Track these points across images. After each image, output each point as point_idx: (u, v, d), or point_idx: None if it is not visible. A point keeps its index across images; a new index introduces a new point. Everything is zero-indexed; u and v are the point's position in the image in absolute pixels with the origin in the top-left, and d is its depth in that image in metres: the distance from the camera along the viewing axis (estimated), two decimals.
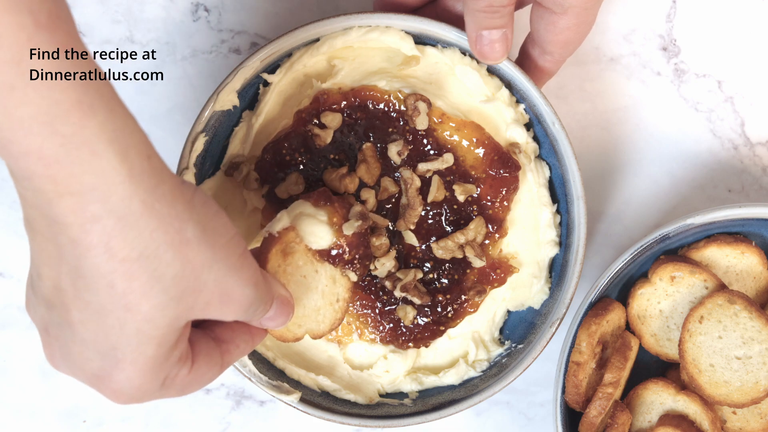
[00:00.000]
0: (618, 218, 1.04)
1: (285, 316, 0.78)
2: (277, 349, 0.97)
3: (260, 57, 0.90)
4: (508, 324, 0.99)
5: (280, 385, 0.94)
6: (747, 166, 1.04)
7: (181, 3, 1.01)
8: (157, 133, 1.02)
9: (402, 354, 0.97)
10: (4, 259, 1.03)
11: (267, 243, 0.83)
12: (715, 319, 0.93)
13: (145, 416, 1.04)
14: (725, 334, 0.94)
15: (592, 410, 0.94)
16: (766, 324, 0.93)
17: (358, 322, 0.95)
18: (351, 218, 0.86)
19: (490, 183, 0.93)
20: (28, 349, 1.03)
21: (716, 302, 0.93)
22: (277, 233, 0.83)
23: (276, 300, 0.77)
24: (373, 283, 0.94)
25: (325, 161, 0.92)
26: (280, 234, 0.83)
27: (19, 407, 1.04)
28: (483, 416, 1.05)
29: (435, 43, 0.94)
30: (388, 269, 0.92)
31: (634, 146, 1.03)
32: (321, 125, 0.91)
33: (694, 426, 0.94)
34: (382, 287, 0.94)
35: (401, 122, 0.92)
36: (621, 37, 1.02)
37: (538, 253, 0.96)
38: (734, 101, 1.03)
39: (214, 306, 0.69)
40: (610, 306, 0.95)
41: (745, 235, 0.99)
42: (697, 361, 0.94)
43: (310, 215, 0.85)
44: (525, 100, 0.94)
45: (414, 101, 0.91)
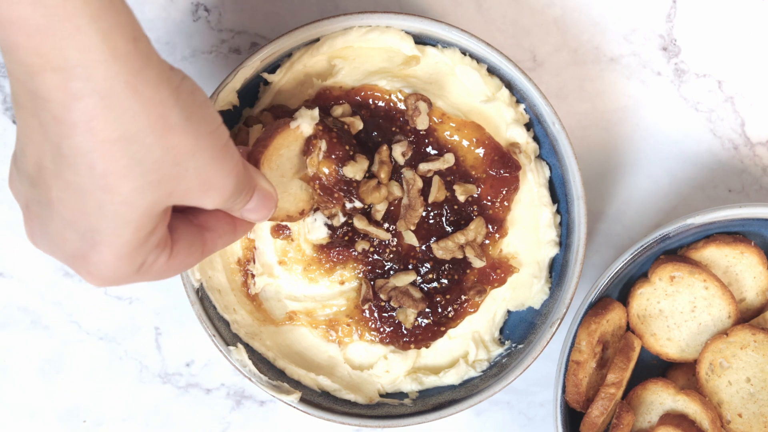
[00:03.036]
0: (618, 218, 1.04)
1: (267, 209, 0.78)
2: (277, 349, 0.97)
3: (260, 57, 0.90)
4: (508, 324, 0.99)
5: (280, 385, 0.94)
6: (747, 166, 1.04)
7: (181, 3, 1.00)
8: None
9: (402, 354, 0.97)
10: (4, 259, 1.03)
11: (273, 129, 0.84)
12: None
13: (145, 416, 1.04)
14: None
15: (594, 410, 0.94)
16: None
17: (359, 324, 0.95)
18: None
19: (490, 183, 0.93)
20: (28, 349, 1.03)
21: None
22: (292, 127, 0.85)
23: (257, 191, 0.76)
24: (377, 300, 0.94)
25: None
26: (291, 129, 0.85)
27: (19, 407, 1.04)
28: (483, 416, 1.05)
29: (435, 43, 0.94)
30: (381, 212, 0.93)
31: (634, 146, 1.03)
32: (348, 114, 0.92)
33: (695, 426, 0.94)
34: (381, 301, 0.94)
35: (401, 120, 0.92)
36: (621, 37, 1.02)
37: (538, 253, 0.96)
38: (734, 101, 1.03)
39: (194, 194, 0.68)
40: (610, 306, 0.95)
41: (745, 235, 0.99)
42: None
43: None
44: (525, 100, 0.94)
45: (414, 101, 0.91)
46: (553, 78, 1.02)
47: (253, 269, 0.95)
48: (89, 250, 0.67)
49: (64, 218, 0.66)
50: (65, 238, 0.67)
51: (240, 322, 0.95)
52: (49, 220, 0.67)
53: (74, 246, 0.67)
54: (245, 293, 0.96)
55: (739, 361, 0.95)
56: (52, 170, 0.65)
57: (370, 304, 0.94)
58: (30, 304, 1.03)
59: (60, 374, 1.03)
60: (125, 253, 0.67)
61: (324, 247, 0.94)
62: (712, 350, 0.95)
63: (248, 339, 0.96)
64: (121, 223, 0.66)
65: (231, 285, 0.95)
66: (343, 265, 0.94)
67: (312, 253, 0.94)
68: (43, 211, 0.67)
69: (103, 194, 0.64)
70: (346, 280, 0.95)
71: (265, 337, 0.96)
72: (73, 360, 1.03)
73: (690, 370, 0.99)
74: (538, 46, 1.02)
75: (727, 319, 0.96)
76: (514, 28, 1.01)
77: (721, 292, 0.96)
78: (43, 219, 0.68)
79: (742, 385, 0.96)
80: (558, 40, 1.02)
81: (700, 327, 0.97)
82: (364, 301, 0.94)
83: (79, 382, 1.04)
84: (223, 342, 0.93)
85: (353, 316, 0.95)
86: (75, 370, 1.04)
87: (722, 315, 0.96)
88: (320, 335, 0.97)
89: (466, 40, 0.91)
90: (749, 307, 0.99)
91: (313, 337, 0.97)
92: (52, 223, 0.67)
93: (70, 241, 0.67)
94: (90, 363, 1.04)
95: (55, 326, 1.03)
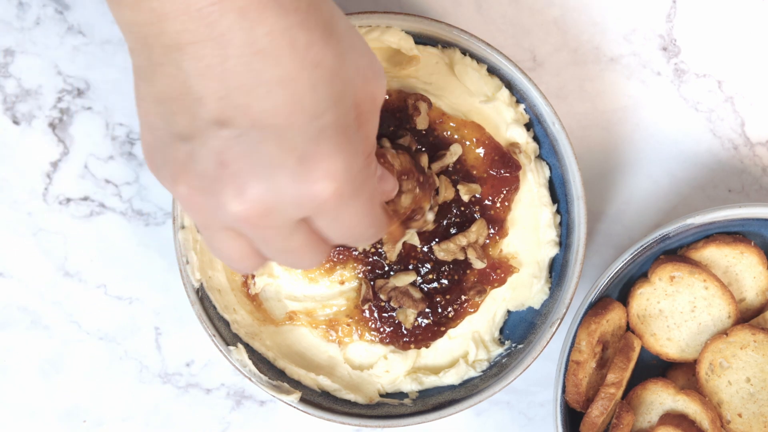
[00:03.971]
0: (618, 218, 1.04)
1: (390, 183, 0.77)
2: (277, 349, 0.97)
3: None
4: (508, 324, 0.99)
5: (280, 385, 0.94)
6: (747, 166, 1.04)
7: None
8: None
9: (402, 354, 0.97)
10: (4, 259, 1.03)
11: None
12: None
13: (145, 416, 1.04)
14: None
15: (594, 410, 0.94)
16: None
17: (359, 324, 0.95)
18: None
19: (490, 183, 0.93)
20: (28, 349, 1.03)
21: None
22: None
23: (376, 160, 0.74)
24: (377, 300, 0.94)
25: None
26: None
27: (19, 407, 1.04)
28: (483, 416, 1.05)
29: (435, 43, 0.94)
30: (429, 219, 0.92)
31: (634, 146, 1.03)
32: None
33: (695, 426, 0.94)
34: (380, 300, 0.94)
35: (399, 119, 0.92)
36: (621, 37, 1.02)
37: (538, 253, 0.96)
38: (734, 101, 1.03)
39: (371, 81, 0.66)
40: (610, 306, 0.95)
41: (745, 235, 0.99)
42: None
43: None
44: (525, 100, 0.94)
45: (414, 101, 0.91)
46: (553, 78, 1.02)
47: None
48: (317, 146, 0.62)
49: (276, 124, 0.61)
50: (285, 149, 0.61)
51: (240, 322, 0.95)
52: (256, 145, 0.61)
53: (299, 153, 0.62)
54: (245, 293, 0.96)
55: (739, 361, 0.95)
56: (246, 78, 0.60)
57: (370, 304, 0.94)
58: (30, 304, 1.03)
59: (60, 374, 1.03)
60: (346, 137, 0.63)
61: None
62: (712, 350, 0.95)
63: (248, 339, 0.96)
64: (335, 101, 0.62)
65: (231, 285, 0.95)
66: (343, 265, 0.94)
67: None
68: (240, 146, 0.61)
69: (314, 71, 0.61)
70: (346, 280, 0.95)
71: (265, 337, 0.96)
72: (73, 360, 1.03)
73: (690, 370, 0.99)
74: (538, 46, 1.02)
75: (727, 319, 0.96)
76: (514, 28, 1.01)
77: (721, 292, 0.96)
78: (247, 154, 0.61)
79: (742, 385, 0.96)
80: (558, 40, 1.02)
81: (700, 327, 0.97)
82: (364, 301, 0.94)
83: (79, 382, 1.04)
84: (223, 342, 0.93)
85: (353, 316, 0.95)
86: (75, 370, 1.04)
87: (722, 315, 0.96)
88: (320, 335, 0.97)
89: (466, 40, 0.91)
90: (749, 307, 0.99)
91: (313, 337, 0.97)
92: (261, 146, 0.61)
93: (294, 149, 0.61)
94: (90, 363, 1.04)
95: (55, 326, 1.03)
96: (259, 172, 0.62)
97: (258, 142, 0.61)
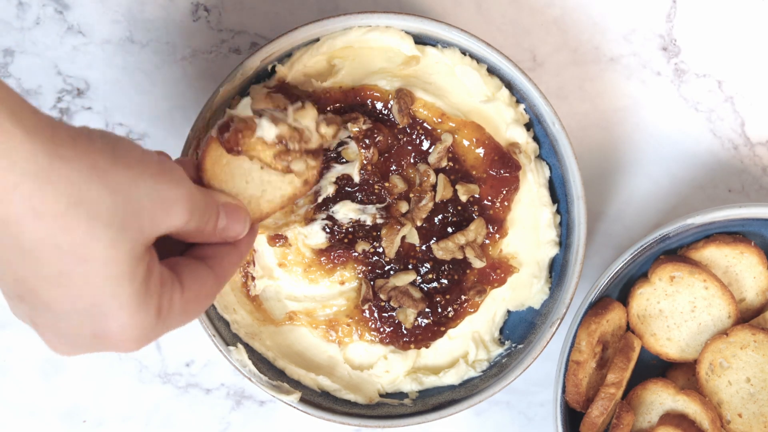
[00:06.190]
0: (618, 218, 1.04)
1: (240, 221, 0.77)
2: (277, 349, 0.97)
3: (260, 57, 0.90)
4: (508, 324, 0.99)
5: (280, 385, 0.94)
6: (747, 166, 1.04)
7: (181, 3, 1.00)
8: (157, 133, 1.02)
9: (402, 354, 0.97)
10: None
11: (203, 149, 0.80)
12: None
13: (145, 416, 1.04)
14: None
15: (594, 410, 0.94)
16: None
17: (359, 324, 0.95)
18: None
19: (490, 183, 0.93)
20: (28, 349, 1.03)
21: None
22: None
23: (222, 208, 0.75)
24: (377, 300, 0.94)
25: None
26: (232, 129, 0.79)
27: (19, 407, 1.04)
28: (483, 416, 1.05)
29: (435, 43, 0.94)
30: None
31: (634, 146, 1.03)
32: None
33: (695, 426, 0.94)
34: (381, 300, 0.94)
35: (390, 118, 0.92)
36: (621, 37, 1.02)
37: (538, 253, 0.96)
38: (734, 101, 1.03)
39: (160, 217, 0.67)
40: (610, 306, 0.95)
41: (745, 235, 0.99)
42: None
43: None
44: (525, 100, 0.94)
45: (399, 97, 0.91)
46: (553, 78, 1.02)
47: (254, 272, 0.95)
48: (104, 324, 0.66)
49: (66, 310, 0.65)
50: (77, 328, 0.67)
51: (240, 322, 0.95)
52: (56, 322, 0.67)
53: (89, 329, 0.67)
54: (245, 293, 0.96)
55: (739, 361, 0.95)
56: (29, 275, 0.64)
57: (370, 304, 0.94)
58: None
59: (60, 374, 1.03)
60: (136, 306, 0.66)
61: (324, 250, 0.94)
62: (712, 350, 0.95)
63: (248, 339, 0.96)
64: (115, 282, 0.65)
65: (231, 285, 0.95)
66: (343, 266, 0.94)
67: (312, 256, 0.94)
68: (45, 318, 0.67)
69: (83, 267, 0.63)
70: (346, 281, 0.95)
71: (265, 337, 0.96)
72: (73, 360, 1.03)
73: (690, 370, 0.99)
74: (538, 46, 1.02)
75: (727, 319, 0.96)
76: (514, 28, 1.02)
77: (721, 292, 0.96)
78: (51, 324, 0.67)
79: (742, 385, 0.96)
80: (558, 40, 1.02)
81: (700, 327, 0.97)
82: (364, 301, 0.94)
83: (79, 382, 1.04)
84: (223, 342, 0.93)
85: (353, 316, 0.95)
86: (75, 370, 1.04)
87: (722, 315, 0.96)
88: (320, 335, 0.97)
89: (466, 40, 0.91)
90: (749, 307, 0.99)
91: (313, 337, 0.97)
92: (60, 323, 0.67)
93: (83, 326, 0.67)
94: (90, 363, 1.04)
95: None
96: (61, 338, 0.68)
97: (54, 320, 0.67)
